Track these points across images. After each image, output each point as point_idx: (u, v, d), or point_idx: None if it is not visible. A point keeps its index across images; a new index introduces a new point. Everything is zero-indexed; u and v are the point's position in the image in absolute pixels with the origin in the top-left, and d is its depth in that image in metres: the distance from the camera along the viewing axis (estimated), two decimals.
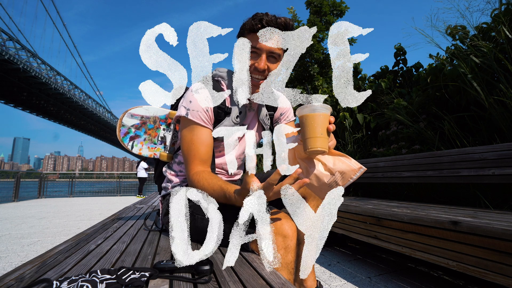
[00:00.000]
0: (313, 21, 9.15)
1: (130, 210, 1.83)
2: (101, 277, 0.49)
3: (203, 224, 0.79)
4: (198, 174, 0.82)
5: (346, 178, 0.68)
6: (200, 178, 0.81)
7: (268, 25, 0.80)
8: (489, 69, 1.87)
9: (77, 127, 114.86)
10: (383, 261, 1.83)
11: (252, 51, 0.84)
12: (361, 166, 0.69)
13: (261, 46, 0.82)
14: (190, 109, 0.85)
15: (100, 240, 0.89)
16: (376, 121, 3.03)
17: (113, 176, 13.61)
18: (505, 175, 1.42)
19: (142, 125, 1.19)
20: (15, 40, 55.19)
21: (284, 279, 0.52)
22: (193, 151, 0.85)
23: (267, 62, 0.84)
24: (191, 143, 0.85)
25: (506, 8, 1.98)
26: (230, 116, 0.90)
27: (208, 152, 0.87)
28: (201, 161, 0.86)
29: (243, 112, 0.93)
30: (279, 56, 0.85)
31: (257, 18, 0.82)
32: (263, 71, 0.85)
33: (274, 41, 0.82)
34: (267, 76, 0.86)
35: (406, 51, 3.35)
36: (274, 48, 0.83)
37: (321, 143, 0.64)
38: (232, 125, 0.90)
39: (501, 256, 0.87)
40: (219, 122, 0.89)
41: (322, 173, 0.69)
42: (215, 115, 0.89)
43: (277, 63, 0.87)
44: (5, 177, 18.44)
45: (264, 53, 0.83)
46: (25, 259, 1.98)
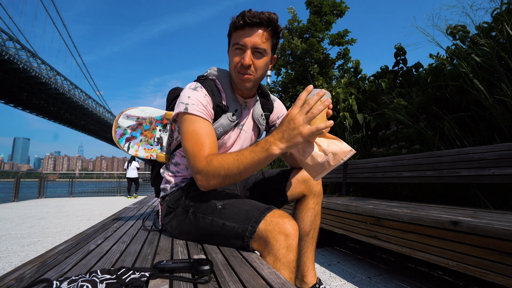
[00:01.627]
0: (313, 21, 9.14)
1: (130, 210, 1.83)
2: (101, 277, 0.49)
3: (205, 222, 0.79)
4: (211, 156, 0.76)
5: (337, 159, 0.74)
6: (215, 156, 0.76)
7: (250, 20, 0.80)
8: (490, 68, 1.87)
9: (77, 127, 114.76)
10: (383, 261, 1.83)
11: (237, 48, 0.84)
12: (351, 149, 0.75)
13: (245, 42, 0.82)
14: (189, 104, 0.83)
15: (100, 240, 0.89)
16: (376, 121, 3.03)
17: (113, 176, 13.61)
18: (505, 175, 1.42)
19: (138, 126, 1.19)
20: (15, 40, 55.16)
21: (284, 279, 0.52)
22: (200, 140, 0.78)
23: (252, 58, 0.84)
24: (195, 134, 0.79)
25: (507, 7, 1.97)
26: (227, 114, 0.90)
27: (214, 142, 0.82)
28: (210, 149, 0.79)
29: (239, 110, 0.93)
30: (264, 51, 0.84)
31: (240, 15, 0.82)
32: (248, 66, 0.84)
33: (258, 37, 0.82)
34: (253, 72, 0.86)
35: (406, 51, 3.35)
36: (258, 43, 0.82)
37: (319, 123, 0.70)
38: (229, 122, 0.90)
39: (501, 256, 0.87)
40: (216, 119, 0.90)
41: (317, 153, 0.75)
42: (215, 112, 0.89)
43: (262, 59, 0.86)
44: (5, 177, 18.43)
45: (249, 49, 0.83)
46: (25, 259, 1.98)
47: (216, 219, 0.77)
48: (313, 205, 1.04)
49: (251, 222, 0.71)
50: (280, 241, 0.67)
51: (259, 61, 0.85)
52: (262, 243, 0.70)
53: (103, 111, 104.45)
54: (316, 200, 1.04)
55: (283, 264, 0.67)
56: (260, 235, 0.70)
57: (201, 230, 0.81)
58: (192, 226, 0.83)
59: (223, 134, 0.91)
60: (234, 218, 0.75)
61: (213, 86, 0.91)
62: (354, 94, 3.62)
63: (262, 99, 1.05)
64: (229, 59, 0.89)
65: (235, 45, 0.84)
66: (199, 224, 0.81)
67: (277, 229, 0.68)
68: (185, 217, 0.84)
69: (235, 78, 0.89)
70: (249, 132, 1.00)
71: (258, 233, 0.70)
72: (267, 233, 0.69)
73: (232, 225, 0.74)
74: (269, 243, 0.68)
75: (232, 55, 0.86)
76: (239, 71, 0.86)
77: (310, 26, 9.12)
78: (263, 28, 0.82)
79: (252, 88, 0.92)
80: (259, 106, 1.02)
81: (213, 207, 0.79)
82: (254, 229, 0.70)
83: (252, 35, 0.82)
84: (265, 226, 0.70)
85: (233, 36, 0.85)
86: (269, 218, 0.71)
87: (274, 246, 0.67)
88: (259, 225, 0.70)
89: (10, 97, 71.61)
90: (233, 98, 0.93)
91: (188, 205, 0.85)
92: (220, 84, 0.94)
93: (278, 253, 0.67)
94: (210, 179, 0.76)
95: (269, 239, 0.68)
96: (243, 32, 0.82)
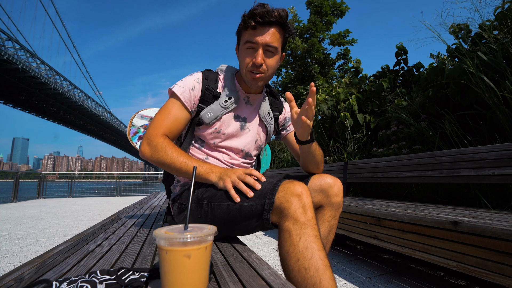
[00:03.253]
0: (313, 21, 9.15)
1: (129, 210, 1.82)
2: (101, 277, 0.49)
3: (221, 210, 0.78)
4: (169, 140, 0.85)
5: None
6: (173, 144, 0.84)
7: (262, 19, 0.80)
8: (496, 66, 1.86)
9: (76, 127, 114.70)
10: (383, 261, 1.83)
11: (248, 46, 0.85)
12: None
13: (257, 40, 0.83)
14: (178, 85, 0.90)
15: (100, 240, 0.88)
16: (376, 121, 3.02)
17: (112, 176, 13.60)
18: (505, 175, 1.42)
19: None
20: (14, 40, 55.11)
21: (284, 280, 0.52)
22: (167, 118, 0.87)
23: (263, 57, 0.84)
24: (167, 111, 0.88)
25: (509, 6, 1.97)
26: (218, 100, 0.92)
27: (178, 129, 0.90)
28: (169, 131, 0.87)
29: (234, 98, 0.93)
30: (275, 50, 0.85)
31: (250, 13, 0.82)
32: (260, 65, 0.85)
33: (269, 35, 0.82)
34: (264, 71, 0.87)
35: (407, 51, 3.35)
36: (270, 42, 0.83)
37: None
38: (219, 108, 0.91)
39: (501, 256, 0.87)
40: (207, 104, 0.92)
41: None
42: (202, 95, 0.91)
43: (274, 57, 0.87)
44: (4, 177, 18.42)
45: (260, 47, 0.83)
46: (24, 260, 1.97)
47: (231, 204, 0.76)
48: (329, 218, 0.95)
49: (268, 195, 0.70)
50: (295, 203, 0.67)
51: (271, 60, 0.86)
52: (279, 212, 0.69)
53: (102, 111, 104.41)
54: (334, 213, 0.96)
55: (303, 224, 0.66)
56: (276, 205, 0.69)
57: (218, 219, 0.79)
58: (208, 217, 0.81)
59: (215, 120, 0.91)
60: (249, 198, 0.74)
61: (212, 75, 0.94)
62: (355, 94, 3.62)
63: (271, 98, 1.05)
64: (240, 58, 0.90)
65: (246, 43, 0.84)
66: (215, 214, 0.79)
67: (289, 192, 0.68)
68: (200, 210, 0.83)
69: (246, 77, 0.89)
70: (254, 130, 1.00)
71: (275, 203, 0.69)
72: (281, 199, 0.68)
73: (250, 204, 0.73)
74: (284, 208, 0.68)
75: (243, 54, 0.87)
76: (251, 71, 0.87)
77: (310, 26, 9.12)
78: (274, 26, 0.83)
79: (261, 86, 0.93)
80: (267, 105, 1.02)
81: (227, 193, 0.78)
82: (272, 200, 0.69)
83: (263, 34, 0.82)
84: (279, 194, 0.69)
85: (244, 35, 0.86)
86: (281, 186, 0.71)
87: (290, 208, 0.67)
88: (276, 196, 0.69)
89: (9, 97, 71.56)
90: (231, 88, 0.94)
91: (201, 198, 0.84)
92: (222, 75, 0.96)
93: (296, 214, 0.66)
94: (152, 153, 0.83)
95: (283, 205, 0.68)
96: (255, 31, 0.83)
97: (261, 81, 0.89)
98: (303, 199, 0.68)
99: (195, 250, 0.43)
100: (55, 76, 68.86)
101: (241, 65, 0.90)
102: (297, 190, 0.68)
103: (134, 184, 16.38)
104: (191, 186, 0.56)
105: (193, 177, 0.57)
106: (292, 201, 0.67)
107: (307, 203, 0.68)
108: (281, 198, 0.69)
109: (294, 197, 0.68)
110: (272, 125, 1.04)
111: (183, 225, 0.51)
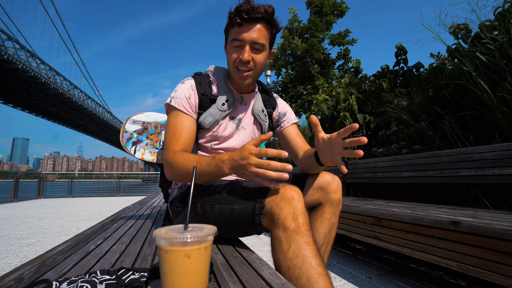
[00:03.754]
0: (313, 21, 9.14)
1: (129, 210, 1.82)
2: (101, 277, 0.49)
3: (213, 213, 0.78)
4: (180, 152, 0.81)
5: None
6: (182, 154, 0.80)
7: (247, 16, 0.79)
8: (495, 66, 1.86)
9: (76, 127, 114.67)
10: (383, 261, 1.83)
11: (235, 44, 0.84)
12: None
13: (243, 37, 0.82)
14: (174, 97, 0.88)
15: (100, 240, 0.88)
16: (376, 121, 3.03)
17: (112, 176, 13.59)
18: (505, 175, 1.42)
19: (144, 131, 1.25)
20: (14, 40, 55.10)
21: (284, 280, 0.52)
22: (176, 135, 0.84)
23: (251, 53, 0.84)
24: (174, 128, 0.85)
25: (510, 5, 1.97)
26: (216, 103, 0.91)
27: (190, 139, 0.87)
28: (182, 145, 0.84)
29: (231, 101, 0.92)
30: (262, 47, 0.85)
31: (236, 10, 0.81)
32: (247, 62, 0.84)
33: (255, 32, 0.82)
34: (252, 68, 0.86)
35: (407, 51, 3.35)
36: (256, 38, 0.82)
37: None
38: (218, 111, 0.91)
39: (501, 256, 0.87)
40: (205, 109, 0.91)
41: None
42: (200, 101, 0.90)
43: (261, 54, 0.86)
44: (4, 177, 18.41)
45: (247, 44, 0.83)
46: (24, 260, 1.97)
47: (223, 206, 0.75)
48: (329, 215, 0.93)
49: (258, 198, 0.69)
50: (285, 208, 0.64)
51: (258, 56, 0.85)
52: (270, 217, 0.67)
53: (102, 111, 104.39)
54: (333, 211, 0.94)
55: (293, 231, 0.62)
56: (267, 210, 0.67)
57: (212, 222, 0.78)
58: (202, 220, 0.80)
59: (214, 124, 0.91)
60: (240, 201, 0.73)
61: (204, 79, 0.93)
62: (355, 94, 3.62)
63: (264, 95, 1.05)
64: (227, 55, 0.89)
65: (233, 41, 0.84)
66: (208, 217, 0.79)
67: (279, 197, 0.66)
68: (194, 214, 0.83)
69: (234, 74, 0.89)
70: (249, 128, 0.99)
71: (266, 208, 0.67)
72: (271, 203, 0.66)
73: (240, 207, 0.72)
74: (274, 213, 0.65)
75: (230, 51, 0.86)
76: (238, 67, 0.86)
77: (310, 26, 9.12)
78: (261, 22, 0.82)
79: (250, 84, 0.92)
80: (260, 102, 1.01)
81: (219, 196, 0.78)
82: (262, 204, 0.67)
83: (249, 31, 0.82)
84: (269, 198, 0.67)
85: (231, 32, 0.85)
86: (272, 189, 0.68)
87: (280, 214, 0.64)
88: (266, 199, 0.67)
89: (9, 97, 71.54)
90: (225, 90, 0.94)
91: (195, 201, 0.84)
92: (214, 78, 0.95)
93: (285, 221, 0.63)
94: (172, 173, 0.81)
95: (273, 210, 0.65)
96: (241, 28, 0.82)
97: (249, 79, 0.88)
98: (293, 204, 0.65)
99: (195, 250, 0.43)
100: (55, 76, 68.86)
101: (229, 63, 0.89)
102: (288, 194, 0.66)
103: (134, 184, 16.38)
104: (191, 186, 0.55)
105: (193, 177, 0.57)
106: (282, 206, 0.65)
107: (298, 208, 0.65)
108: (271, 202, 0.67)
109: (284, 201, 0.65)
110: (267, 122, 1.03)
111: (183, 225, 0.50)
